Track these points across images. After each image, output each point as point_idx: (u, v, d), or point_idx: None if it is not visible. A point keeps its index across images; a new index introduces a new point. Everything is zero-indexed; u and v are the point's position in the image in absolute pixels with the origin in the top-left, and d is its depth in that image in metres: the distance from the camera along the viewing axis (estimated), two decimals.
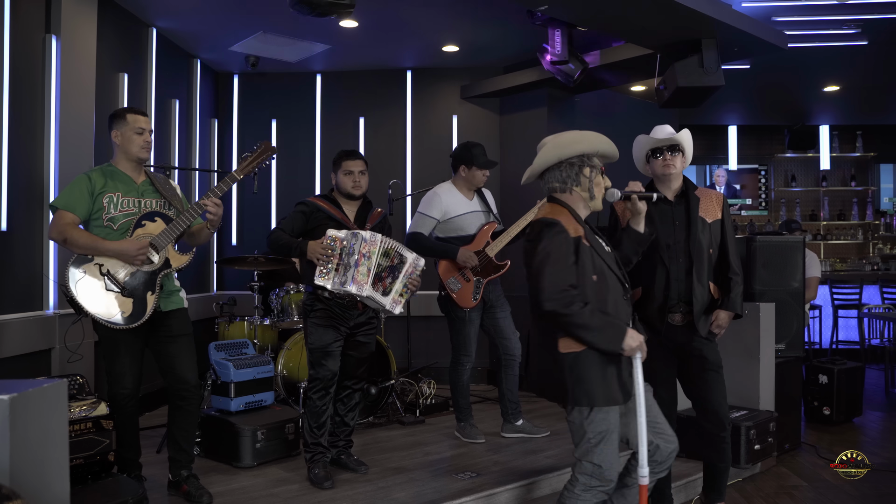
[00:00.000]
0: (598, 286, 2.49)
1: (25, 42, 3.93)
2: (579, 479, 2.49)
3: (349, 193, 3.60)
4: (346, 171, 3.61)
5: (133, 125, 3.13)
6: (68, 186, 3.10)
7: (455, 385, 4.30)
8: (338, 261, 3.35)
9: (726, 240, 3.11)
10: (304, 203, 3.63)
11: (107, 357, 3.11)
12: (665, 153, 3.07)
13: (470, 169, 4.19)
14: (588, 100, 6.38)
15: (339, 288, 3.34)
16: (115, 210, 3.07)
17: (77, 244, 2.99)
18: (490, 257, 4.14)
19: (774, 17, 5.36)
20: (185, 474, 3.23)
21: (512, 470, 3.66)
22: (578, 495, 2.48)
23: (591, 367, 2.44)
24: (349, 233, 3.40)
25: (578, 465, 2.51)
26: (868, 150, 9.30)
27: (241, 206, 6.52)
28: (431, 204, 4.19)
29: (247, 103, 6.54)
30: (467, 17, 5.17)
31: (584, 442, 2.48)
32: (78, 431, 2.90)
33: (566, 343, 2.46)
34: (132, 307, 3.03)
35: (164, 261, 3.12)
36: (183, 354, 3.20)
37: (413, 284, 3.46)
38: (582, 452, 2.49)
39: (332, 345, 3.49)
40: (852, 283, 7.86)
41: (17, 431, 1.89)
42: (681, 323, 3.03)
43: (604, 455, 2.46)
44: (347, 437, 3.76)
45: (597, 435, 2.45)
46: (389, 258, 3.40)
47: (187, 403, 3.22)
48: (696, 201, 3.08)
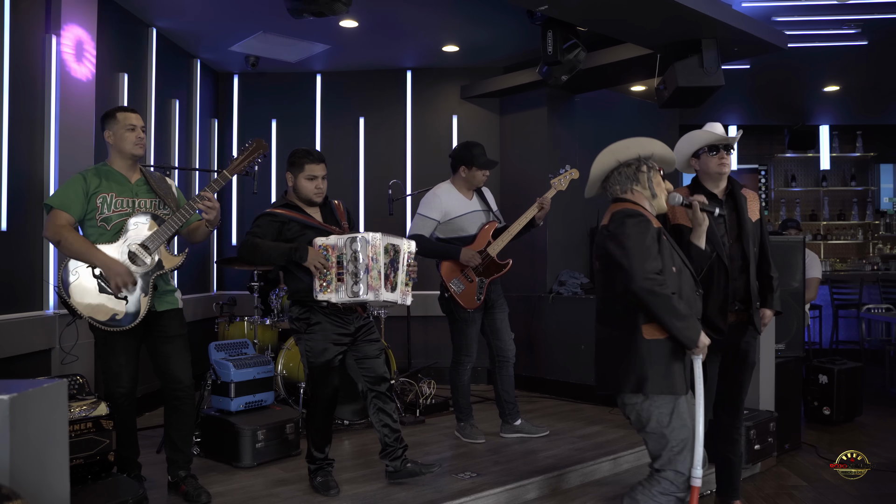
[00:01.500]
0: (678, 279, 2.54)
1: (25, 42, 3.93)
2: (661, 483, 2.50)
3: (310, 200, 3.33)
4: (309, 175, 3.30)
5: (124, 122, 3.12)
6: (63, 185, 3.10)
7: (455, 385, 4.29)
8: (336, 270, 3.14)
9: (765, 239, 3.16)
10: (270, 214, 3.31)
11: (102, 357, 3.12)
12: (722, 151, 3.07)
13: (470, 169, 4.18)
14: (588, 100, 6.38)
15: (351, 298, 3.11)
16: (109, 210, 3.07)
17: (70, 248, 2.99)
18: (492, 257, 4.14)
19: (774, 17, 5.36)
20: (182, 474, 3.23)
21: (512, 470, 3.66)
22: (656, 496, 2.50)
23: (670, 357, 2.47)
24: (344, 238, 3.17)
25: (659, 472, 2.52)
26: (868, 150, 9.30)
27: (241, 207, 6.52)
28: (431, 205, 4.17)
29: (247, 103, 6.54)
30: (467, 17, 5.17)
31: (668, 450, 2.49)
32: (78, 431, 2.90)
33: (650, 330, 2.47)
34: (125, 308, 3.03)
35: (156, 262, 3.11)
36: (177, 355, 3.20)
37: (413, 271, 3.31)
38: (664, 462, 2.51)
39: (334, 360, 3.31)
40: (852, 283, 7.87)
41: (17, 431, 1.89)
42: (732, 321, 3.07)
43: (686, 462, 2.48)
44: (404, 444, 3.44)
45: (680, 443, 2.48)
46: (388, 253, 3.22)
47: (182, 404, 3.22)
48: (743, 200, 3.11)
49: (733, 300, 3.04)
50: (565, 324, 5.65)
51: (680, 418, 2.49)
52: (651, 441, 2.55)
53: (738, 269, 3.05)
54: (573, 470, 3.71)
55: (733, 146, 3.12)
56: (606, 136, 2.84)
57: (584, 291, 5.66)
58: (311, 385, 3.39)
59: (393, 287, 3.23)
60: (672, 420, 2.48)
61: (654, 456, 2.56)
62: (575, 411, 5.07)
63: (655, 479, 2.53)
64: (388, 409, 3.42)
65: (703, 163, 3.11)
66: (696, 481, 2.49)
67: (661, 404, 2.50)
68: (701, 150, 3.10)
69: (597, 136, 6.34)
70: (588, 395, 5.34)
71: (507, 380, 4.29)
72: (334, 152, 6.52)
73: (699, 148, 3.10)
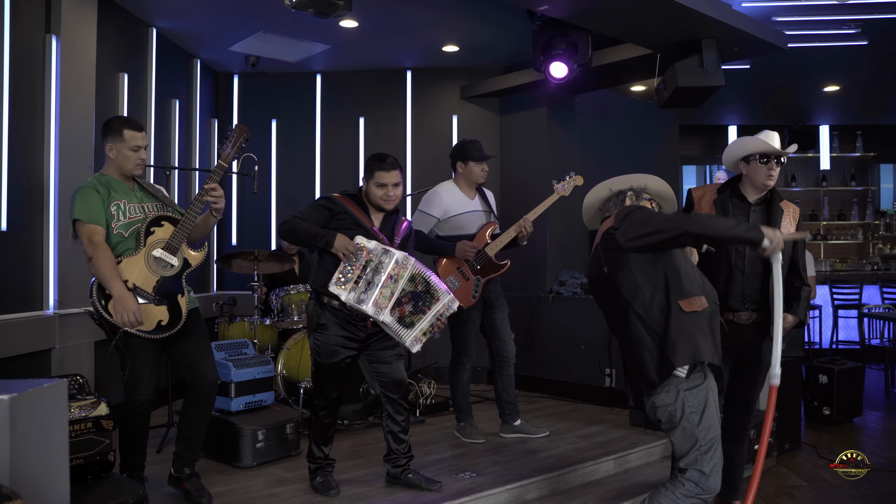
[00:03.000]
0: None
1: (25, 42, 3.93)
2: (685, 485, 2.50)
3: (379, 206, 3.31)
4: (378, 183, 3.26)
5: (129, 143, 3.07)
6: (81, 198, 3.01)
7: (455, 385, 4.29)
8: (360, 272, 3.10)
9: (796, 253, 3.17)
10: (329, 199, 3.32)
11: (126, 365, 3.04)
12: (772, 161, 3.06)
13: (466, 164, 4.21)
14: (588, 100, 6.37)
15: (353, 304, 3.09)
16: (125, 217, 3.05)
17: (97, 270, 2.94)
18: (490, 256, 4.14)
19: (774, 17, 5.36)
20: (188, 472, 3.22)
21: (512, 470, 3.66)
22: (679, 499, 2.50)
23: (688, 329, 2.49)
24: (380, 247, 3.14)
25: (686, 472, 2.52)
26: (868, 150, 9.30)
27: (240, 207, 6.52)
28: (432, 202, 4.19)
29: (247, 103, 6.54)
30: (467, 17, 5.17)
31: (695, 449, 2.49)
32: (78, 431, 2.89)
33: (685, 304, 2.51)
34: (168, 314, 3.02)
35: (182, 261, 3.11)
36: (203, 352, 3.20)
37: (439, 327, 3.21)
38: (690, 461, 2.50)
39: (342, 362, 3.27)
40: (852, 283, 7.87)
41: (17, 431, 1.89)
42: (746, 322, 3.09)
43: (711, 463, 2.48)
44: (408, 454, 3.41)
45: (708, 442, 2.48)
46: (414, 283, 3.14)
47: (206, 402, 3.21)
48: (779, 213, 3.12)
49: (741, 300, 3.05)
50: (565, 324, 5.65)
51: (710, 417, 2.50)
52: (678, 439, 2.54)
53: (751, 271, 3.05)
54: (573, 470, 3.70)
55: (784, 159, 3.12)
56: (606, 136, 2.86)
57: (584, 291, 5.66)
58: (316, 382, 3.38)
59: (405, 321, 3.13)
60: (702, 419, 2.49)
61: (679, 455, 2.55)
62: (575, 411, 5.07)
63: (679, 481, 2.52)
64: (397, 417, 3.38)
65: (751, 169, 3.10)
66: (774, 380, 2.66)
67: (693, 401, 2.50)
68: (752, 156, 3.09)
69: (597, 135, 6.37)
70: (588, 395, 5.34)
71: (507, 380, 4.29)
72: (334, 152, 6.54)
73: (751, 154, 3.10)
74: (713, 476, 2.49)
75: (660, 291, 2.54)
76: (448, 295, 3.20)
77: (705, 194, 3.21)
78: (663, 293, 2.53)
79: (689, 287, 2.55)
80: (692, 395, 2.50)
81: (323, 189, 6.48)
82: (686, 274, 2.58)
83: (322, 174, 6.50)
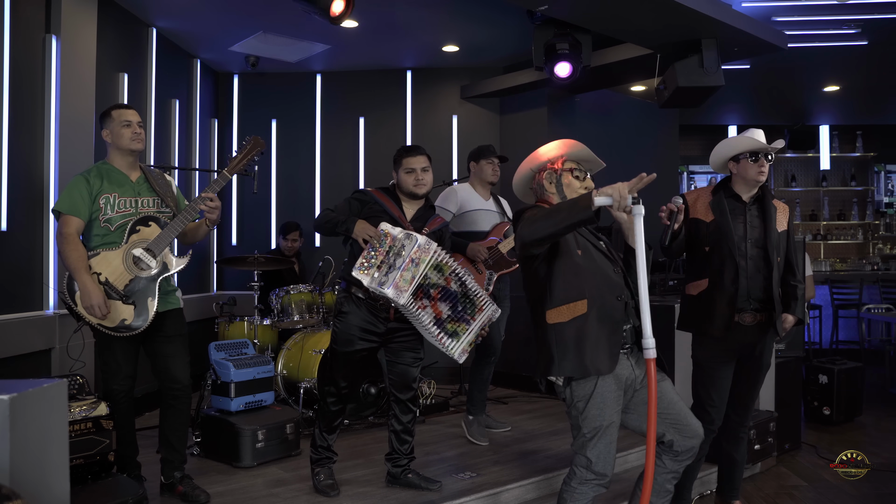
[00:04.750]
0: (584, 258, 2.53)
1: (25, 42, 3.93)
2: (576, 473, 2.52)
3: (411, 192, 3.34)
4: (407, 169, 3.34)
5: (119, 119, 3.12)
6: (67, 189, 3.08)
7: (475, 378, 4.33)
8: (383, 257, 3.09)
9: (790, 250, 3.18)
10: (361, 191, 3.40)
11: (101, 354, 3.12)
12: (762, 158, 3.07)
13: (478, 163, 4.34)
14: (588, 100, 6.38)
15: (376, 287, 3.04)
16: (112, 211, 3.07)
17: (66, 261, 3.00)
18: (502, 253, 4.20)
19: (774, 17, 5.36)
20: (178, 476, 3.23)
21: (512, 470, 3.66)
22: (575, 488, 2.52)
23: (577, 339, 2.48)
24: (404, 232, 3.13)
25: (575, 458, 2.55)
26: (868, 150, 9.30)
27: (240, 207, 6.52)
28: (448, 198, 4.30)
29: (247, 103, 6.54)
30: (467, 17, 5.17)
31: (580, 436, 2.52)
32: (78, 431, 2.89)
33: (552, 315, 2.52)
34: (134, 313, 3.03)
35: (161, 265, 3.11)
36: (177, 354, 3.20)
37: (482, 336, 3.22)
38: (578, 446, 2.53)
39: (357, 353, 3.29)
40: (852, 283, 7.87)
41: (17, 431, 1.89)
42: (751, 323, 3.08)
43: (597, 450, 2.48)
44: (410, 454, 3.44)
45: (591, 430, 2.49)
46: (443, 276, 3.08)
47: (179, 403, 3.23)
48: (772, 210, 3.14)
49: (746, 299, 3.05)
50: None
51: (596, 406, 2.48)
52: (572, 424, 2.57)
53: (753, 269, 3.06)
54: None
55: (772, 156, 3.13)
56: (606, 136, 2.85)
57: None
58: (328, 368, 3.38)
59: (446, 328, 3.07)
60: (587, 407, 2.49)
61: (573, 438, 2.58)
62: None
63: (572, 470, 2.55)
64: (403, 418, 3.40)
65: (741, 167, 3.11)
66: (647, 353, 2.19)
67: (578, 390, 2.51)
68: (742, 155, 3.10)
69: (597, 136, 6.35)
70: None
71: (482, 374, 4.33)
72: (334, 152, 6.54)
73: (740, 153, 3.11)
74: (601, 462, 2.48)
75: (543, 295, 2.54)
76: (492, 305, 3.19)
77: (699, 197, 3.20)
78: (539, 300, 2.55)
79: (564, 294, 2.50)
80: (579, 385, 2.51)
81: (323, 189, 6.48)
82: (565, 279, 2.51)
83: (322, 174, 6.50)
